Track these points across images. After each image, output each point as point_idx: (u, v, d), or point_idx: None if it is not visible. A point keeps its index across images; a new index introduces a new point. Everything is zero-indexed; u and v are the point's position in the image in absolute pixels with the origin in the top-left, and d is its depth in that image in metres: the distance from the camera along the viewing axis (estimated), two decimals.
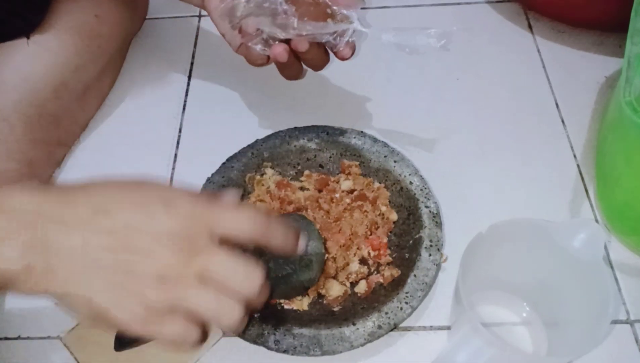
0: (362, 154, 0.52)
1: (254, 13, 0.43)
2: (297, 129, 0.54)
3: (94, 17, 0.56)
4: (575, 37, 0.64)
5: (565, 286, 0.41)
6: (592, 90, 0.60)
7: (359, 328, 0.42)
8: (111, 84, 0.62)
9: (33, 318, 0.47)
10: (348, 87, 0.61)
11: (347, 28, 0.44)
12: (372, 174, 0.52)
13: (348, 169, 0.52)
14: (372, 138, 0.53)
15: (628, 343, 0.44)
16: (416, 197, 0.49)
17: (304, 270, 0.43)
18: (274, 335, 0.42)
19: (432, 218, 0.47)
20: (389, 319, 0.42)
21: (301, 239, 0.35)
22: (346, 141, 0.53)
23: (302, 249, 0.35)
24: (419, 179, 0.50)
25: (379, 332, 0.42)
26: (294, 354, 0.41)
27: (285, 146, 0.53)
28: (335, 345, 0.41)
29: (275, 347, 0.41)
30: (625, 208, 0.47)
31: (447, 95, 0.60)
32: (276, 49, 0.44)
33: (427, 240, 0.46)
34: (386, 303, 0.43)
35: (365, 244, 0.48)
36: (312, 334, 0.42)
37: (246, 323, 0.34)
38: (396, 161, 0.51)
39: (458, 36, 0.65)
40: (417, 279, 0.44)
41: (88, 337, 0.46)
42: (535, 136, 0.57)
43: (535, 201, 0.52)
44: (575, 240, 0.38)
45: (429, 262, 0.45)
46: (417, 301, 0.43)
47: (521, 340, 0.44)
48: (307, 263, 0.43)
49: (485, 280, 0.44)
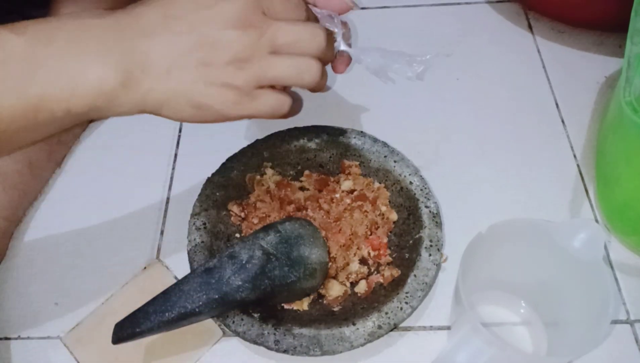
0: (362, 154, 0.52)
1: None
2: (297, 129, 0.54)
3: None
4: (575, 37, 0.64)
5: (565, 286, 0.41)
6: (592, 90, 0.60)
7: (359, 328, 0.42)
8: None
9: (33, 318, 0.47)
10: (348, 87, 0.61)
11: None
12: (372, 174, 0.52)
13: (348, 170, 0.52)
14: (372, 138, 0.53)
15: (628, 343, 0.44)
16: (416, 197, 0.49)
17: (308, 278, 0.43)
18: (274, 335, 0.42)
19: (432, 218, 0.47)
20: (389, 319, 0.42)
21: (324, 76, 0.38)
22: (346, 141, 0.53)
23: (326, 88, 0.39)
24: (418, 179, 0.50)
25: (379, 331, 0.42)
26: (294, 354, 0.41)
27: (286, 145, 0.53)
28: (335, 345, 0.41)
29: (276, 347, 0.41)
30: (625, 208, 0.47)
31: (447, 95, 0.60)
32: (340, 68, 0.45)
33: (427, 240, 0.46)
34: (386, 303, 0.43)
35: (365, 244, 0.48)
36: (312, 334, 0.42)
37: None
38: (396, 161, 0.51)
39: (458, 36, 0.65)
40: (417, 279, 0.44)
41: (88, 337, 0.46)
42: (535, 136, 0.57)
43: (535, 201, 0.52)
44: (575, 240, 0.38)
45: (429, 262, 0.45)
46: (417, 301, 0.43)
47: (521, 340, 0.44)
48: (311, 272, 0.43)
49: (485, 280, 0.44)
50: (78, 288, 0.48)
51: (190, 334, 0.46)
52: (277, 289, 0.41)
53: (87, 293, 0.48)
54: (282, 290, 0.42)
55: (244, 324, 0.42)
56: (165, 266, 0.49)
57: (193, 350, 0.45)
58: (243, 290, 0.40)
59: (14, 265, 0.50)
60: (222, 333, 0.46)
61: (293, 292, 0.43)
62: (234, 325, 0.42)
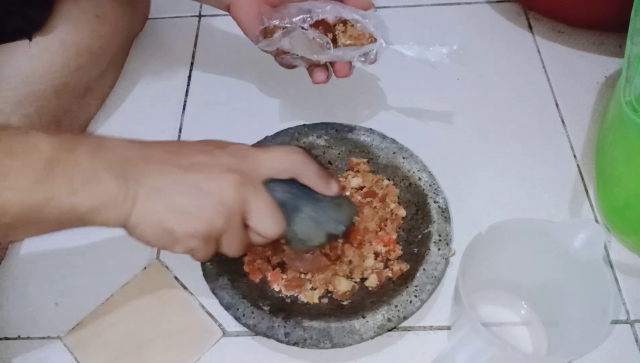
0: (370, 150, 0.52)
1: (289, 38, 0.46)
2: (306, 126, 0.54)
3: (95, 17, 0.56)
4: (575, 37, 0.64)
5: (565, 286, 0.41)
6: (592, 90, 0.60)
7: (369, 321, 0.42)
8: (112, 84, 0.62)
9: (33, 318, 0.47)
10: (354, 86, 0.61)
11: (373, 48, 0.46)
12: (381, 171, 0.52)
13: (356, 167, 0.52)
14: (380, 135, 0.53)
15: (628, 343, 0.44)
16: (425, 193, 0.49)
17: (334, 208, 0.42)
18: (284, 327, 0.42)
19: (441, 213, 0.48)
20: (398, 312, 0.42)
21: (333, 182, 0.41)
22: (355, 138, 0.53)
23: (334, 191, 0.41)
24: (427, 176, 0.50)
25: (388, 324, 0.42)
26: (304, 346, 0.41)
27: (295, 142, 0.53)
28: (345, 337, 0.41)
29: (286, 340, 0.41)
30: (625, 208, 0.47)
31: (447, 95, 0.60)
32: (319, 78, 0.49)
33: (436, 234, 0.46)
34: (395, 297, 0.43)
35: (376, 240, 0.48)
36: (322, 327, 0.42)
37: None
38: (405, 157, 0.51)
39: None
40: (426, 273, 0.44)
41: (88, 337, 0.46)
42: (535, 136, 0.57)
43: (535, 201, 0.52)
44: (575, 240, 0.38)
45: (438, 256, 0.45)
46: (426, 294, 0.43)
47: (521, 340, 0.44)
48: (338, 203, 0.42)
49: (485, 280, 0.44)
50: (78, 288, 0.48)
51: (191, 334, 0.46)
52: (299, 219, 0.41)
53: (87, 293, 0.48)
54: (304, 221, 0.41)
55: (254, 317, 0.42)
56: (165, 266, 0.49)
57: (193, 350, 0.45)
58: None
59: (14, 265, 0.50)
60: (222, 333, 0.46)
61: (314, 224, 0.42)
62: (244, 318, 0.42)
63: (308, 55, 0.46)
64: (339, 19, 0.48)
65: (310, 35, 0.46)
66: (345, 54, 0.46)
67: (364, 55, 0.47)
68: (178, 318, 0.46)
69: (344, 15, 0.47)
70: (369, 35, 0.47)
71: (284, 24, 0.46)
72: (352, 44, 0.47)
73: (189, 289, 0.48)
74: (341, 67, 0.48)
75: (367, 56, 0.47)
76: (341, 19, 0.47)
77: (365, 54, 0.47)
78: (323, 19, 0.47)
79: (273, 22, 0.46)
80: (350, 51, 0.46)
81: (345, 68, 0.48)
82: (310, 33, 0.46)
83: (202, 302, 0.47)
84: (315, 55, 0.46)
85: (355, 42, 0.47)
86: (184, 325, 0.46)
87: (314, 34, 0.46)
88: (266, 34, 0.47)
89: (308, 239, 0.42)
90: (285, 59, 0.48)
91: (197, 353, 0.45)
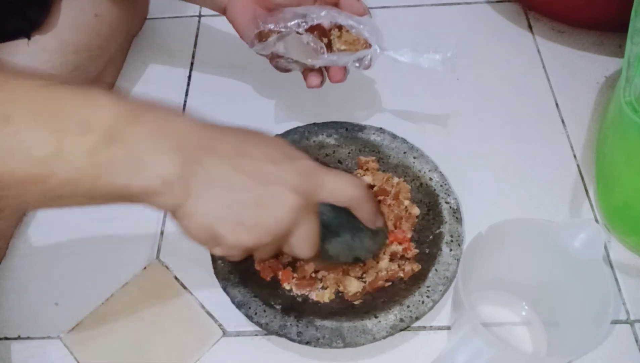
0: (381, 150, 0.52)
1: (284, 42, 0.47)
2: (316, 124, 0.54)
3: (94, 16, 0.56)
4: (575, 37, 0.64)
5: (565, 286, 0.41)
6: (592, 90, 0.60)
7: (381, 321, 0.42)
8: (111, 83, 0.62)
9: (33, 318, 0.47)
10: (361, 86, 0.61)
11: (367, 53, 0.47)
12: (391, 170, 0.52)
13: (365, 165, 0.52)
14: (391, 134, 0.53)
15: (628, 343, 0.44)
16: (436, 193, 0.49)
17: (370, 237, 0.43)
18: (297, 326, 0.42)
19: (453, 213, 0.48)
20: (410, 312, 0.42)
21: (381, 219, 0.43)
22: (365, 137, 0.53)
23: (378, 227, 0.42)
24: (438, 176, 0.50)
25: (401, 324, 0.42)
26: (316, 346, 0.41)
27: (305, 141, 0.53)
28: (358, 337, 0.41)
29: (298, 339, 0.41)
30: (625, 208, 0.47)
31: (447, 95, 0.60)
32: (313, 82, 0.49)
33: (447, 235, 0.46)
34: (407, 297, 0.43)
35: (391, 238, 0.48)
36: (335, 326, 0.42)
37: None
38: (415, 157, 0.51)
39: (458, 36, 0.65)
40: (438, 273, 0.44)
41: (88, 337, 0.46)
42: (535, 136, 0.57)
43: (535, 201, 0.52)
44: (575, 240, 0.38)
45: (450, 257, 0.45)
46: (438, 295, 0.43)
47: (521, 340, 0.44)
48: (375, 233, 0.43)
49: (485, 280, 0.44)
50: (78, 288, 0.48)
51: (190, 334, 0.46)
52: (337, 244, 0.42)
53: (87, 293, 0.48)
54: (339, 245, 0.42)
55: (266, 315, 0.42)
56: (165, 266, 0.49)
57: (193, 350, 0.45)
58: None
59: (14, 265, 0.50)
60: (222, 333, 0.46)
61: (347, 248, 0.43)
62: (256, 316, 0.42)
63: (302, 59, 0.47)
64: (334, 25, 0.48)
65: (304, 39, 0.46)
66: (340, 59, 0.47)
67: (358, 60, 0.47)
68: (178, 318, 0.46)
69: (339, 20, 0.47)
70: (363, 41, 0.47)
71: (279, 28, 0.46)
72: (346, 49, 0.47)
73: (189, 289, 0.48)
74: (336, 72, 0.49)
75: (361, 61, 0.47)
76: (336, 25, 0.48)
77: (359, 60, 0.47)
78: (318, 24, 0.47)
79: (268, 26, 0.47)
80: (345, 56, 0.47)
81: (340, 73, 0.49)
82: (304, 38, 0.46)
83: (202, 302, 0.47)
84: (310, 59, 0.47)
85: (350, 47, 0.47)
86: (184, 325, 0.46)
87: (309, 38, 0.46)
88: (261, 37, 0.47)
89: (336, 257, 0.43)
90: (280, 63, 0.49)
91: (197, 353, 0.45)
